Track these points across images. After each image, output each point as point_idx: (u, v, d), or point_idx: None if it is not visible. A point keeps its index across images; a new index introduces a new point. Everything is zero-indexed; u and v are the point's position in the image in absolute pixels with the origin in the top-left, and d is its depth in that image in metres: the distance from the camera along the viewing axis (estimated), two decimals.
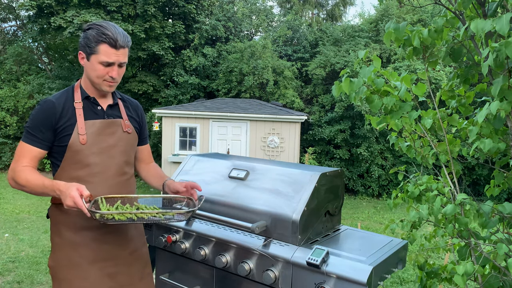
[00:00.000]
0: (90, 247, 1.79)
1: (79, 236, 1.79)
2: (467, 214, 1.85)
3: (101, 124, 1.84)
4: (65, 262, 1.78)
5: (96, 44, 1.73)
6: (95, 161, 1.80)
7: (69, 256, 1.78)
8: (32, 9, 14.12)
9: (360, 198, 13.44)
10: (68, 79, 16.63)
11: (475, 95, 2.17)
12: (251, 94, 15.32)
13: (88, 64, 1.79)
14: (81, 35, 1.80)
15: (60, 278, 1.78)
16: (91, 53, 1.76)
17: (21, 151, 1.77)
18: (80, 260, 1.78)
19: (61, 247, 1.79)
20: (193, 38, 16.06)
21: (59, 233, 1.81)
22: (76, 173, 1.78)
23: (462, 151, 2.20)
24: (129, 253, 1.92)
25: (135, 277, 1.93)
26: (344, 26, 17.31)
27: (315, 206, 2.00)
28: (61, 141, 1.77)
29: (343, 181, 2.24)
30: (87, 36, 1.75)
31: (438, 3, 1.98)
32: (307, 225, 1.94)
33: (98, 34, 1.73)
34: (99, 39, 1.73)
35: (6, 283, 4.72)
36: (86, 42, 1.76)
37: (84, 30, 1.80)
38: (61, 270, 1.78)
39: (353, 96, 1.93)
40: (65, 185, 1.62)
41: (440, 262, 5.55)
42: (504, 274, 1.84)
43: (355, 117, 13.60)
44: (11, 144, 16.20)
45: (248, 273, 1.92)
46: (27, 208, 9.63)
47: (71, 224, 1.79)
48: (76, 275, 1.76)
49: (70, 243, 1.79)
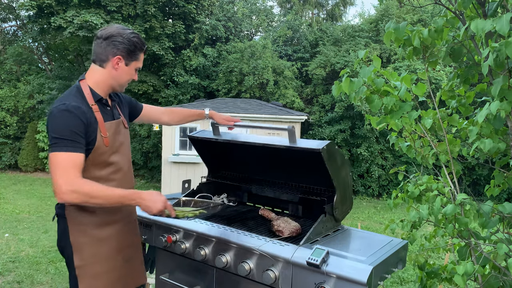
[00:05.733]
0: (116, 239, 1.92)
1: (105, 231, 1.88)
2: (467, 214, 1.85)
3: (116, 125, 1.94)
4: (94, 259, 1.84)
5: (140, 52, 1.89)
6: (115, 160, 1.90)
7: (97, 252, 1.85)
8: (32, 9, 14.11)
9: (360, 198, 13.44)
10: (68, 79, 16.63)
11: (475, 95, 2.17)
12: (251, 94, 15.32)
13: (124, 69, 1.88)
14: (117, 40, 1.82)
15: (90, 275, 1.84)
16: (133, 60, 1.89)
17: (66, 161, 1.67)
18: (108, 253, 1.88)
19: (87, 245, 1.84)
20: (193, 38, 16.07)
21: (83, 233, 1.84)
22: (100, 173, 1.85)
23: (462, 151, 2.20)
24: (139, 239, 2.14)
25: (140, 261, 2.12)
26: (344, 26, 17.32)
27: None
28: (88, 144, 1.80)
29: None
30: (133, 44, 1.86)
31: (438, 3, 1.98)
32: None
33: (141, 43, 1.89)
34: (141, 48, 1.89)
35: (6, 283, 4.72)
36: (131, 49, 1.86)
37: (123, 36, 1.84)
38: (90, 267, 1.84)
39: (353, 96, 1.93)
40: (148, 193, 1.76)
41: (440, 262, 5.54)
42: (504, 274, 1.84)
43: (355, 117, 13.60)
44: (11, 144, 16.20)
45: (248, 273, 1.92)
46: (27, 208, 9.63)
47: (97, 222, 1.86)
48: (107, 268, 1.87)
49: (97, 240, 1.85)
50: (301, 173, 2.46)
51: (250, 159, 2.66)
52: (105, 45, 1.83)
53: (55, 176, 1.65)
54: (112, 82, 1.90)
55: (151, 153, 15.00)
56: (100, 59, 1.86)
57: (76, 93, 1.82)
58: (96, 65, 1.88)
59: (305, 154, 2.13)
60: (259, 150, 2.37)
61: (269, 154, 2.45)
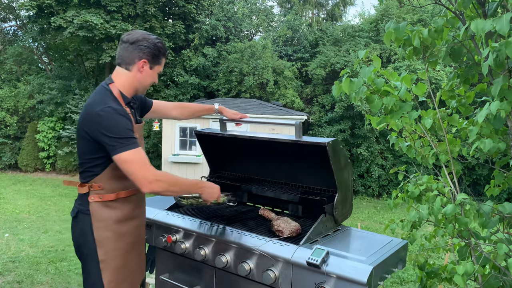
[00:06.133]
0: (133, 234, 1.99)
1: (126, 226, 1.95)
2: (467, 214, 1.85)
3: (140, 128, 2.06)
4: (115, 253, 1.92)
5: (163, 56, 2.01)
6: None
7: (117, 246, 1.92)
8: (32, 9, 14.12)
9: (360, 198, 13.44)
10: (68, 79, 16.63)
11: (475, 95, 2.17)
12: (251, 94, 15.32)
13: (149, 72, 1.97)
14: (143, 44, 1.92)
15: (112, 268, 1.91)
16: (156, 64, 1.99)
17: (140, 156, 1.80)
18: (126, 247, 1.95)
19: (110, 240, 1.91)
20: (193, 38, 16.07)
21: (106, 228, 1.90)
22: None
23: (462, 151, 2.20)
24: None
25: (144, 256, 2.17)
26: (344, 26, 17.33)
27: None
28: None
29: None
30: (158, 49, 1.96)
31: (438, 3, 1.98)
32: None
33: (164, 48, 2.01)
34: (164, 53, 2.01)
35: (6, 283, 4.72)
36: (156, 53, 1.96)
37: (148, 40, 1.94)
38: (112, 261, 1.91)
39: (353, 96, 1.93)
40: (208, 183, 2.07)
41: (440, 262, 5.55)
42: (504, 274, 1.84)
43: (355, 117, 13.60)
44: (11, 144, 16.20)
45: (248, 273, 1.92)
46: (27, 208, 9.64)
47: (119, 217, 1.93)
48: (124, 262, 1.95)
49: (118, 235, 1.92)
50: (303, 171, 2.47)
51: (253, 156, 2.67)
52: (132, 49, 1.93)
53: (136, 171, 1.77)
54: (137, 85, 1.98)
55: (151, 153, 15.01)
56: (126, 62, 1.94)
57: (110, 96, 1.89)
58: (121, 68, 1.96)
59: (310, 148, 2.17)
60: (263, 147, 2.40)
61: (272, 151, 2.48)
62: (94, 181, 1.88)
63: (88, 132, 1.82)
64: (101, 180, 1.88)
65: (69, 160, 15.72)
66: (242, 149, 2.71)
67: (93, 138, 1.81)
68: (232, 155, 2.79)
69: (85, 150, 1.88)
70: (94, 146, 1.83)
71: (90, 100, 1.88)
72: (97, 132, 1.78)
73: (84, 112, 1.86)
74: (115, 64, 2.00)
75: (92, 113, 1.80)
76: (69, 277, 5.06)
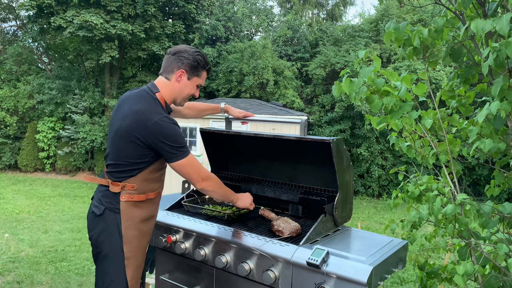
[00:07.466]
0: (150, 233, 2.11)
1: (147, 225, 2.05)
2: (467, 214, 1.85)
3: None
4: (138, 250, 2.02)
5: (202, 69, 2.08)
6: (165, 165, 2.11)
7: (140, 244, 2.03)
8: (32, 9, 14.12)
9: (360, 198, 13.45)
10: (68, 79, 16.62)
11: (475, 95, 2.17)
12: (251, 94, 15.32)
13: (186, 83, 2.06)
14: (183, 55, 2.03)
15: (135, 265, 2.01)
16: (195, 75, 2.07)
17: (195, 161, 2.00)
18: (145, 245, 2.07)
19: (135, 238, 2.00)
20: (193, 38, 16.07)
21: (134, 226, 2.00)
22: (158, 174, 2.06)
23: (462, 151, 2.20)
24: None
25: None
26: (344, 26, 17.33)
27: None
28: None
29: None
30: (197, 60, 2.05)
31: (438, 3, 1.98)
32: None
33: (204, 61, 2.09)
34: (205, 66, 2.09)
35: (6, 283, 4.72)
36: (194, 65, 2.04)
37: (189, 52, 2.05)
38: (135, 258, 2.01)
39: (353, 96, 1.93)
40: (242, 194, 2.24)
41: (440, 262, 5.55)
42: (504, 274, 1.84)
43: (355, 117, 13.60)
44: (11, 144, 16.20)
45: (248, 273, 1.92)
46: (27, 208, 9.64)
47: (144, 216, 2.03)
48: (143, 258, 2.07)
49: (141, 233, 2.02)
50: (304, 170, 2.47)
51: (255, 156, 2.68)
52: (172, 59, 2.05)
53: (194, 173, 1.99)
54: (175, 95, 2.08)
55: None
56: (166, 72, 2.06)
57: (160, 105, 1.99)
58: (162, 77, 2.07)
59: (314, 145, 2.19)
60: (266, 146, 2.42)
61: (275, 151, 2.50)
62: (128, 182, 1.96)
63: (142, 138, 1.89)
64: (135, 181, 1.96)
65: (69, 160, 15.72)
66: (245, 149, 2.71)
67: (148, 144, 1.89)
68: (234, 155, 2.80)
69: (131, 153, 1.93)
70: (144, 151, 1.92)
71: (138, 107, 1.93)
72: (155, 140, 1.88)
73: (135, 117, 1.90)
74: (158, 74, 2.12)
75: (149, 121, 1.87)
76: (69, 277, 5.06)
